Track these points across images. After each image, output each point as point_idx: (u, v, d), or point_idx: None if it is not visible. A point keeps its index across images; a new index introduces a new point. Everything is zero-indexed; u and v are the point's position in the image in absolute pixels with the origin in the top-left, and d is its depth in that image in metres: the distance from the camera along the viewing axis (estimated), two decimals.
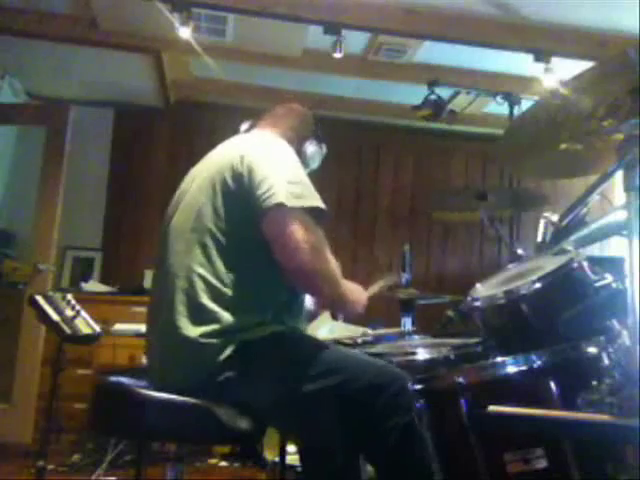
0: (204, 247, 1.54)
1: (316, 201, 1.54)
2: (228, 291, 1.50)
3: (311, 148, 1.83)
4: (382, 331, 2.38)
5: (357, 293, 1.71)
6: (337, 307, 1.81)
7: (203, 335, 1.46)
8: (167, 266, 1.58)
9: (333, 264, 1.58)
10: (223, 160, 1.61)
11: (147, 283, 4.33)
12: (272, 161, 1.58)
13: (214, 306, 1.49)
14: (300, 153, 1.77)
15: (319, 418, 1.46)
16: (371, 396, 1.44)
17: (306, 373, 1.46)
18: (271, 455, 2.51)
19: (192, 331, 1.47)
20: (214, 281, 1.51)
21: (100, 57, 4.01)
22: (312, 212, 1.53)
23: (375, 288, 1.92)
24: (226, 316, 1.48)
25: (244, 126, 1.87)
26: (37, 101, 4.66)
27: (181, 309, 1.50)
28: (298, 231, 1.47)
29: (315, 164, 1.86)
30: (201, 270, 1.52)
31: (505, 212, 3.97)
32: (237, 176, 1.55)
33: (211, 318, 1.48)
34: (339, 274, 1.61)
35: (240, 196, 1.54)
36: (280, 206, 1.47)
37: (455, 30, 3.50)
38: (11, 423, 3.86)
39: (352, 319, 2.35)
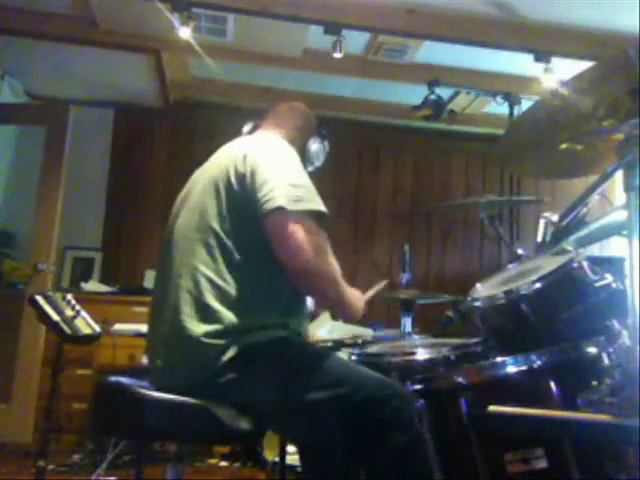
0: (208, 246, 1.54)
1: (317, 204, 1.54)
2: (232, 291, 1.50)
3: (315, 146, 1.83)
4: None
5: (356, 298, 1.70)
6: (337, 310, 1.81)
7: (206, 334, 1.46)
8: (171, 265, 1.58)
9: (335, 266, 1.58)
10: (226, 161, 1.62)
11: (147, 283, 4.33)
12: (274, 163, 1.57)
13: (218, 305, 1.48)
14: (304, 151, 1.79)
15: (320, 428, 1.45)
16: (373, 409, 1.43)
17: (308, 382, 1.45)
18: (271, 455, 2.51)
19: (196, 330, 1.47)
20: (218, 280, 1.51)
21: (100, 57, 4.00)
22: (313, 215, 1.52)
23: (370, 294, 1.91)
24: (229, 316, 1.47)
25: (246, 127, 1.87)
26: (37, 101, 4.65)
27: (185, 308, 1.50)
28: (299, 233, 1.46)
29: (319, 162, 1.87)
30: (205, 269, 1.52)
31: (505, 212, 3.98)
32: (240, 177, 1.55)
33: (215, 317, 1.48)
34: (340, 277, 1.61)
35: (243, 197, 1.54)
36: (280, 209, 1.47)
37: (455, 30, 3.50)
38: (11, 423, 3.86)
39: (351, 322, 2.35)
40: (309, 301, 1.74)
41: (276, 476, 2.45)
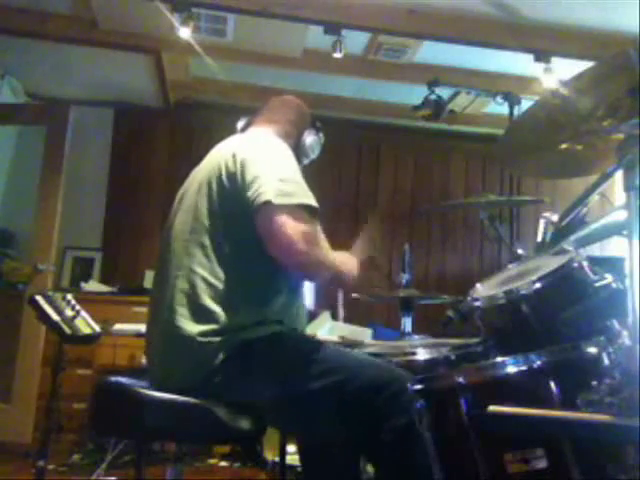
0: (203, 247, 1.54)
1: (307, 199, 1.53)
2: (227, 289, 1.50)
3: (310, 139, 1.84)
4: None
5: (349, 264, 1.70)
6: (337, 286, 1.84)
7: (202, 334, 1.47)
8: (168, 267, 1.59)
9: (327, 249, 1.59)
10: (218, 160, 1.62)
11: (147, 283, 4.32)
12: (264, 160, 1.58)
13: (214, 305, 1.49)
14: (299, 145, 1.79)
15: (319, 417, 1.46)
16: (371, 395, 1.44)
17: (306, 372, 1.46)
18: (271, 455, 2.51)
19: (192, 330, 1.48)
20: (213, 280, 1.51)
21: (100, 57, 4.00)
22: (304, 209, 1.52)
23: (359, 248, 1.87)
24: (225, 315, 1.48)
25: (240, 123, 1.87)
26: (37, 101, 4.65)
27: (181, 309, 1.51)
28: (288, 227, 1.47)
29: (315, 154, 1.87)
30: (201, 270, 1.52)
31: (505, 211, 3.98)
32: (231, 175, 1.56)
33: (211, 317, 1.48)
34: (332, 256, 1.60)
35: (234, 195, 1.55)
36: (268, 204, 1.48)
37: (455, 30, 3.50)
38: (11, 423, 3.85)
39: (349, 289, 2.32)
40: (308, 301, 1.74)
41: (276, 476, 2.46)
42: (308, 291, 2.11)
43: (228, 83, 4.44)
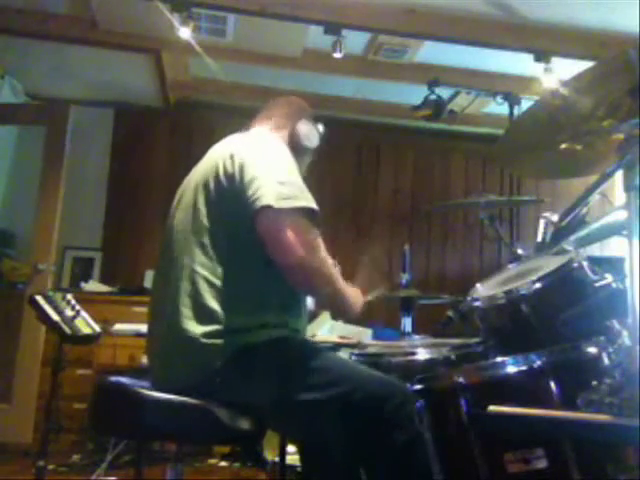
0: (203, 247, 1.54)
1: (306, 201, 1.52)
2: (229, 290, 1.50)
3: (304, 127, 1.79)
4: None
5: (355, 295, 1.69)
6: (335, 306, 1.77)
7: (205, 335, 1.46)
8: (169, 267, 1.58)
9: (328, 262, 1.57)
10: (216, 160, 1.61)
11: (147, 283, 4.33)
12: (262, 161, 1.56)
13: (216, 306, 1.48)
14: (294, 134, 1.77)
15: (321, 427, 1.45)
16: (373, 408, 1.43)
17: (309, 381, 1.45)
18: (271, 455, 2.51)
19: (195, 331, 1.47)
20: (215, 280, 1.50)
21: (100, 57, 4.01)
22: (304, 213, 1.51)
23: (370, 296, 1.87)
24: (228, 316, 1.47)
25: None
26: (37, 101, 4.65)
27: (184, 310, 1.50)
28: (288, 231, 1.45)
29: (313, 143, 1.81)
30: (202, 270, 1.51)
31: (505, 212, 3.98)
32: (229, 176, 1.55)
33: (214, 318, 1.48)
34: (336, 273, 1.59)
35: (233, 196, 1.54)
36: (268, 208, 1.46)
37: (455, 30, 3.50)
38: (11, 423, 3.85)
39: (351, 319, 2.33)
40: (309, 300, 1.73)
41: (276, 476, 2.45)
42: None
43: (228, 83, 4.44)
